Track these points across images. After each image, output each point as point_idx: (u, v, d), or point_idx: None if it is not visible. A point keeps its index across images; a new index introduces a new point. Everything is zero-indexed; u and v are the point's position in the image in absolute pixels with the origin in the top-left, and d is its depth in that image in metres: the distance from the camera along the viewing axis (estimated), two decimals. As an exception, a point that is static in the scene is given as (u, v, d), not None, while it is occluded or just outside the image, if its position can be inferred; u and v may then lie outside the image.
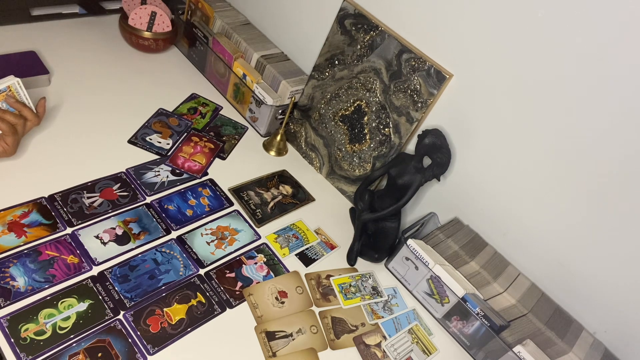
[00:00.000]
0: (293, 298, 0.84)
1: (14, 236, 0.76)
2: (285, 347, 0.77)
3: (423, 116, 0.92)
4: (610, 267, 0.80)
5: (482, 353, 0.85)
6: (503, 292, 0.87)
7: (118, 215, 0.85)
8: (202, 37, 1.19)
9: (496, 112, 0.84)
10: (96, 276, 0.76)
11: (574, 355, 0.80)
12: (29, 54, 1.06)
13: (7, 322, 0.67)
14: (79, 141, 0.95)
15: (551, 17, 0.72)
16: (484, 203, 0.92)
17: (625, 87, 0.69)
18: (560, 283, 0.87)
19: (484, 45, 0.81)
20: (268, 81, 1.11)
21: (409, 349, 0.84)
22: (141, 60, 1.21)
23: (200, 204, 0.93)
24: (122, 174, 0.92)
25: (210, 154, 1.04)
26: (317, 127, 1.10)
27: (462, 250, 0.92)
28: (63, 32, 1.18)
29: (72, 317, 0.70)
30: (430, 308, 0.91)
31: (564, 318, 0.86)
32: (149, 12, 1.17)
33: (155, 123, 1.05)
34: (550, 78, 0.75)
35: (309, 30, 1.10)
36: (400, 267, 0.93)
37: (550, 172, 0.81)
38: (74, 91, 1.04)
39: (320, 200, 1.06)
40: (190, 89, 1.19)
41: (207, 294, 0.80)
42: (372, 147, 1.01)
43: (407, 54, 0.90)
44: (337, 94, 1.04)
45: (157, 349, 0.70)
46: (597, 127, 0.73)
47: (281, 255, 0.91)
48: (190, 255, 0.84)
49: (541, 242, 0.87)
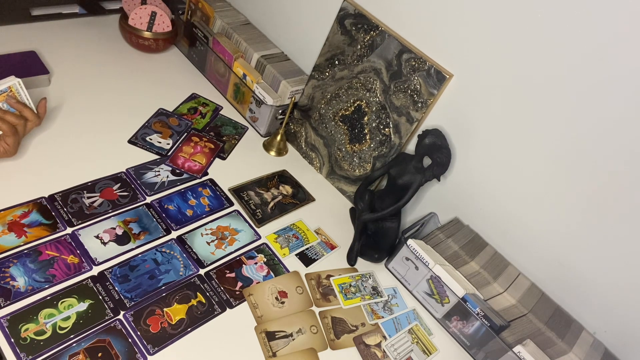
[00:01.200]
0: (293, 298, 0.84)
1: (14, 236, 0.76)
2: (285, 347, 0.77)
3: (423, 116, 0.92)
4: (611, 267, 0.80)
5: (482, 353, 0.85)
6: (503, 292, 0.87)
7: (118, 215, 0.85)
8: (202, 37, 1.19)
9: (496, 112, 0.84)
10: (96, 276, 0.76)
11: (574, 355, 0.80)
12: (29, 54, 1.06)
13: (7, 322, 0.67)
14: (79, 141, 0.95)
15: (551, 17, 0.72)
16: (484, 203, 0.92)
17: (626, 87, 0.69)
18: (560, 283, 0.87)
19: (484, 45, 0.81)
20: (268, 81, 1.11)
21: (409, 349, 0.84)
22: (141, 60, 1.21)
23: (201, 204, 0.93)
24: (122, 174, 0.92)
25: (210, 154, 1.04)
26: (317, 127, 1.10)
27: (462, 250, 0.92)
28: (63, 32, 1.18)
29: (72, 317, 0.70)
30: (430, 308, 0.91)
31: (564, 318, 0.86)
32: (149, 12, 1.17)
33: (155, 123, 1.05)
34: (550, 78, 0.75)
35: (309, 30, 1.10)
36: (400, 267, 0.93)
37: (550, 172, 0.81)
38: (74, 91, 1.04)
39: (320, 200, 1.06)
40: (191, 89, 1.19)
41: (207, 294, 0.80)
42: (372, 147, 1.01)
43: (407, 54, 0.90)
44: (337, 94, 1.04)
45: (157, 349, 0.71)
46: (597, 127, 0.73)
47: (281, 255, 0.91)
48: (191, 255, 0.84)
49: (541, 242, 0.87)
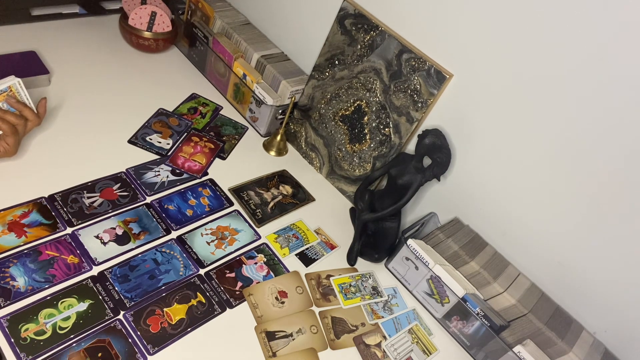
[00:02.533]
0: (293, 298, 0.84)
1: (14, 236, 0.76)
2: (285, 347, 0.77)
3: (423, 116, 0.92)
4: (611, 267, 0.80)
5: (482, 353, 0.85)
6: (503, 292, 0.87)
7: (118, 215, 0.85)
8: (202, 37, 1.19)
9: (496, 112, 0.84)
10: (96, 276, 0.76)
11: (574, 355, 0.80)
12: (29, 54, 1.06)
13: (7, 322, 0.67)
14: (79, 141, 0.94)
15: (551, 17, 0.72)
16: (484, 203, 0.92)
17: (626, 87, 0.69)
18: (560, 283, 0.87)
19: (484, 45, 0.81)
20: (268, 81, 1.11)
21: (409, 349, 0.84)
22: (141, 60, 1.21)
23: (201, 204, 0.93)
24: (122, 174, 0.92)
25: (210, 154, 1.04)
26: (317, 127, 1.10)
27: (462, 250, 0.92)
28: (63, 32, 1.18)
29: (72, 317, 0.70)
30: (430, 308, 0.91)
31: (564, 318, 0.86)
32: (149, 12, 1.17)
33: (155, 123, 1.05)
34: (550, 78, 0.75)
35: (309, 30, 1.10)
36: (400, 267, 0.93)
37: (550, 172, 0.81)
38: (74, 91, 1.04)
39: (320, 200, 1.06)
40: (190, 89, 1.19)
41: (207, 294, 0.80)
42: (372, 147, 1.01)
43: (407, 54, 0.90)
44: (337, 94, 1.04)
45: (157, 349, 0.70)
46: (597, 127, 0.73)
47: (281, 255, 0.91)
48: (190, 255, 0.84)
49: (541, 242, 0.87)
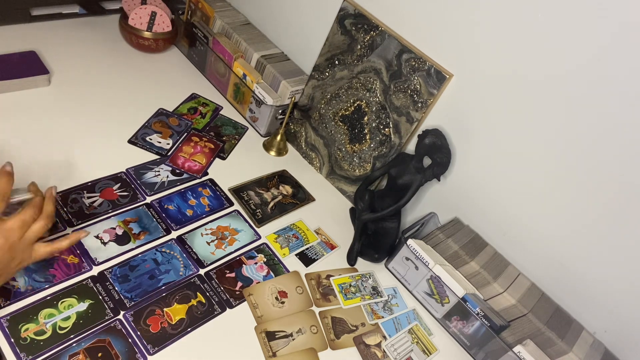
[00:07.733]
0: (293, 298, 0.84)
1: (14, 236, 0.76)
2: (285, 347, 0.77)
3: (423, 116, 0.92)
4: (611, 267, 0.80)
5: (482, 353, 0.85)
6: (503, 292, 0.87)
7: (118, 215, 0.85)
8: (202, 37, 1.19)
9: (496, 112, 0.84)
10: (96, 276, 0.76)
11: (574, 355, 0.80)
12: (29, 54, 1.06)
13: (7, 322, 0.67)
14: (79, 141, 0.95)
15: (551, 17, 0.72)
16: (484, 203, 0.92)
17: (626, 87, 0.69)
18: (560, 283, 0.87)
19: (484, 45, 0.81)
20: (268, 81, 1.11)
21: (409, 349, 0.84)
22: (141, 60, 1.21)
23: (201, 204, 0.93)
24: (122, 174, 0.92)
25: (210, 154, 1.04)
26: (317, 127, 1.10)
27: (462, 250, 0.92)
28: (63, 32, 1.18)
29: (72, 317, 0.70)
30: (430, 308, 0.91)
31: (564, 318, 0.86)
32: (149, 12, 1.17)
33: (155, 123, 1.05)
34: (550, 78, 0.75)
35: (309, 30, 1.10)
36: (400, 267, 0.93)
37: (550, 172, 0.81)
38: (73, 91, 1.04)
39: (320, 200, 1.06)
40: (190, 89, 1.19)
41: (207, 294, 0.80)
42: (372, 147, 1.01)
43: (407, 54, 0.90)
44: (337, 94, 1.04)
45: (157, 349, 0.70)
46: (597, 127, 0.73)
47: (281, 255, 0.91)
48: (190, 255, 0.84)
49: (541, 242, 0.87)
